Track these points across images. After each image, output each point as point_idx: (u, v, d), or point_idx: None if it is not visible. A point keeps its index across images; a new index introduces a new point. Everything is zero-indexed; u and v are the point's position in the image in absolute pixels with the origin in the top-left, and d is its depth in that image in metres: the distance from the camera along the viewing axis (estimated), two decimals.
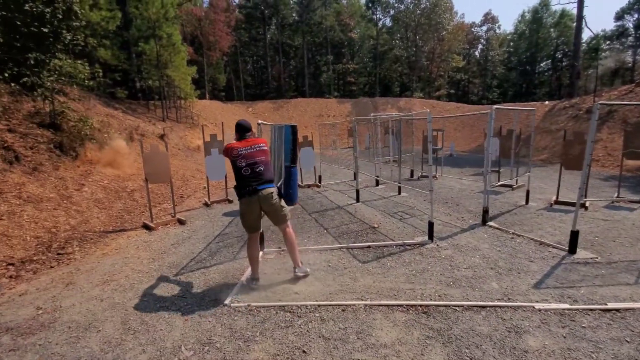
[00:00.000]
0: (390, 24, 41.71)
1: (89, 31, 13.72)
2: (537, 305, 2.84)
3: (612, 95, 15.58)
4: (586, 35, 40.79)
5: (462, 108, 28.13)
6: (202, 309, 3.00)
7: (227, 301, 3.10)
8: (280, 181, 3.91)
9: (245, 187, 3.21)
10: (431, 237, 4.51)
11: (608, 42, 34.26)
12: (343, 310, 2.88)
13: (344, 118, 26.99)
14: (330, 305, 2.96)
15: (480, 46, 45.66)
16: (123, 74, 18.57)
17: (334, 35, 38.43)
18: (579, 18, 20.16)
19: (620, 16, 32.72)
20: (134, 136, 11.94)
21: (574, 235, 3.93)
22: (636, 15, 31.78)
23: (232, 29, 32.84)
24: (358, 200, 7.00)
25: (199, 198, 7.98)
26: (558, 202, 6.26)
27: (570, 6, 40.31)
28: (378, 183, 8.85)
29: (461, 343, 2.40)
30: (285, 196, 3.70)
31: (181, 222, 5.92)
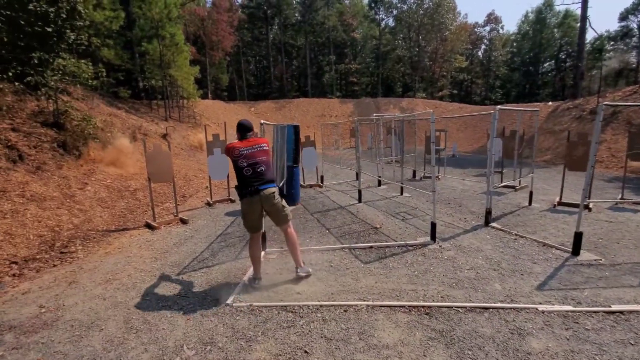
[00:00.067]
0: (392, 24, 41.73)
1: (93, 31, 13.83)
2: (541, 307, 2.83)
3: (616, 96, 15.49)
4: (590, 35, 40.52)
5: (465, 108, 28.03)
6: (204, 309, 3.01)
7: (229, 301, 3.10)
8: (282, 181, 3.91)
9: (246, 187, 3.21)
10: (433, 238, 4.50)
11: (612, 43, 34.06)
12: (345, 310, 2.88)
13: (347, 118, 27.00)
14: (332, 305, 2.95)
15: (483, 46, 45.50)
16: (126, 74, 18.68)
17: (337, 35, 38.42)
18: (583, 18, 20.06)
19: (624, 17, 32.52)
20: (137, 135, 11.99)
21: (578, 236, 3.91)
22: None
23: (235, 29, 32.95)
24: (360, 200, 6.99)
25: (201, 197, 7.99)
26: (561, 204, 6.23)
27: (574, 6, 40.21)
28: (380, 183, 8.84)
29: (464, 344, 2.39)
30: (287, 196, 3.70)
31: (183, 222, 5.93)
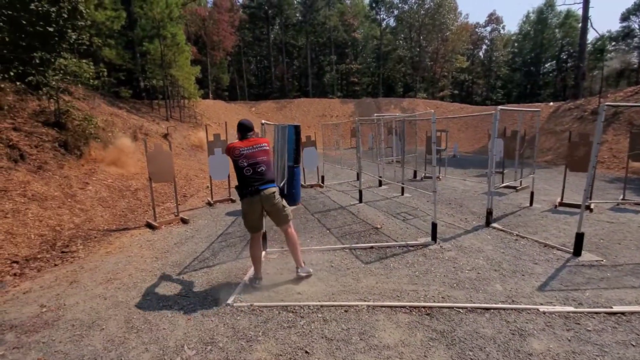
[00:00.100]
0: (394, 24, 41.70)
1: (94, 31, 13.86)
2: (542, 307, 2.82)
3: (618, 96, 15.46)
4: (592, 36, 40.48)
5: (466, 109, 28.00)
6: (205, 308, 3.01)
7: (230, 301, 3.10)
8: (283, 181, 3.90)
9: (247, 187, 3.21)
10: (434, 238, 4.49)
11: (613, 43, 34.00)
12: (346, 311, 2.87)
13: (347, 118, 26.99)
14: (332, 305, 2.95)
15: (484, 47, 45.44)
16: (127, 74, 18.71)
17: (338, 35, 38.40)
18: (585, 19, 20.01)
19: (626, 17, 32.47)
20: (138, 135, 12.00)
21: (579, 237, 3.90)
22: None
23: (236, 29, 32.97)
24: (361, 200, 6.99)
25: (202, 197, 8.00)
26: (563, 204, 6.22)
27: (575, 7, 39.99)
28: (381, 183, 8.83)
29: (465, 345, 2.39)
30: (288, 196, 3.70)
31: (184, 221, 5.94)
